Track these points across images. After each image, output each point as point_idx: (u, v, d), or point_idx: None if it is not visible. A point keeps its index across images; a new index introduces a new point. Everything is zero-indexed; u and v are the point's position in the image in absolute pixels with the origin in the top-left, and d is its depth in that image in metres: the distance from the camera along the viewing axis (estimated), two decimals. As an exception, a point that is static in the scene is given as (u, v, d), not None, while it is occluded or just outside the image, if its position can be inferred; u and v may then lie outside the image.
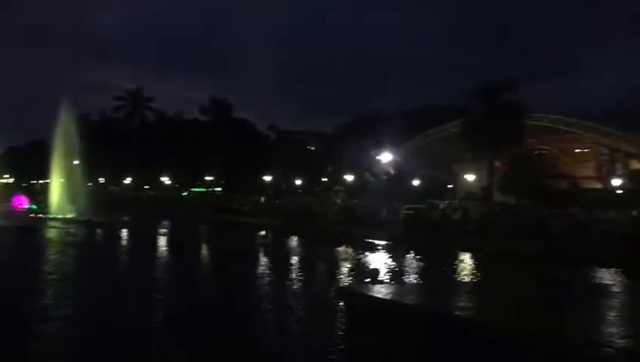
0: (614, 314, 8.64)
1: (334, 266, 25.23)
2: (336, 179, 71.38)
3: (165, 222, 50.81)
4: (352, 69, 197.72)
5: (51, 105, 56.61)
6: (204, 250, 33.51)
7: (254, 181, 75.18)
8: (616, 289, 18.10)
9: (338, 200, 65.14)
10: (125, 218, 51.95)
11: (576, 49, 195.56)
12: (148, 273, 21.93)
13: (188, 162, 77.87)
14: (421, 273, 23.84)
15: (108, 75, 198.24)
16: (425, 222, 41.64)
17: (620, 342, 6.47)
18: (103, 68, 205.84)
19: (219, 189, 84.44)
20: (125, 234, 40.94)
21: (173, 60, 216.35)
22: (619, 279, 22.96)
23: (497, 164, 51.19)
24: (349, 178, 65.89)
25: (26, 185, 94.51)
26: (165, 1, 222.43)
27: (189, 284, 19.50)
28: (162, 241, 37.27)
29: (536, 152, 62.82)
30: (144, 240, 36.14)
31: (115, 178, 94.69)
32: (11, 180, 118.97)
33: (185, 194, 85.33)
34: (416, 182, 60.86)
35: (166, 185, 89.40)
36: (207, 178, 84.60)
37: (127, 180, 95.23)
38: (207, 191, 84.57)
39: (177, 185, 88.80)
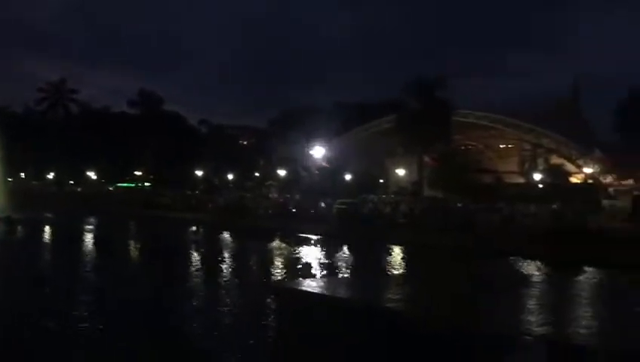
0: (534, 304, 8.92)
1: (266, 261, 25.07)
2: (269, 173, 71.11)
3: (91, 219, 48.96)
4: (286, 66, 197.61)
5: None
6: (132, 247, 32.45)
7: (185, 176, 73.78)
8: (537, 280, 18.87)
9: (271, 195, 64.92)
10: (48, 214, 49.78)
11: (503, 50, 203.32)
12: (70, 272, 20.98)
13: (115, 156, 75.40)
14: (353, 267, 24.06)
15: (35, 66, 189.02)
16: (357, 217, 42.10)
17: (539, 330, 6.69)
18: (30, 59, 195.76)
19: (148, 184, 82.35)
20: (47, 231, 39.19)
21: (104, 54, 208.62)
22: (541, 271, 23.99)
23: (427, 159, 52.42)
24: (282, 173, 65.75)
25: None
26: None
27: (114, 283, 18.78)
28: (87, 238, 35.83)
29: (463, 148, 64.91)
30: (67, 238, 34.63)
31: (38, 173, 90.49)
32: None
33: (110, 188, 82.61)
34: (349, 177, 61.46)
35: (92, 180, 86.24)
36: (136, 173, 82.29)
37: (50, 175, 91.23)
38: (137, 186, 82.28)
39: (104, 181, 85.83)
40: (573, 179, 56.18)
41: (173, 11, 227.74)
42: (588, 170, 54.01)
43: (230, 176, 75.69)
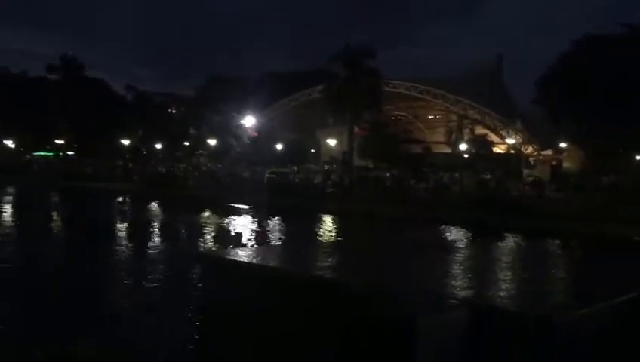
0: (460, 269, 9.23)
1: (195, 232, 24.69)
2: (199, 143, 69.75)
3: (9, 189, 46.53)
4: (213, 32, 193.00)
5: None
6: (53, 219, 31.07)
7: (111, 145, 71.16)
8: (460, 246, 19.58)
9: (201, 165, 63.87)
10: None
11: (428, 20, 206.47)
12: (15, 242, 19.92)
13: (34, 124, 71.61)
14: (283, 236, 24.11)
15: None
16: (288, 186, 42.13)
17: (462, 293, 6.95)
18: None
19: (71, 153, 78.93)
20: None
21: (25, 16, 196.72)
22: (466, 237, 24.87)
23: (357, 129, 52.85)
24: (212, 142, 64.64)
25: None
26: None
27: (30, 257, 18.00)
28: (4, 209, 34.04)
29: (392, 118, 65.89)
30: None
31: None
32: None
33: (27, 157, 78.59)
34: (280, 147, 61.19)
35: (10, 148, 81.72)
36: (58, 141, 78.60)
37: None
38: (58, 155, 78.67)
39: (22, 149, 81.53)
40: (497, 150, 58.25)
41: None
42: (510, 141, 56.14)
43: (159, 146, 73.66)
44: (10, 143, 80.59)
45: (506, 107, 57.38)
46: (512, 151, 56.34)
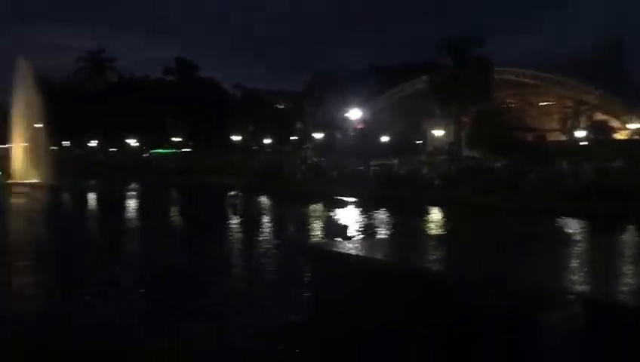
0: (578, 263, 8.73)
1: (302, 224, 25.23)
2: (306, 137, 71.07)
3: (133, 185, 50.01)
4: (314, 28, 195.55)
5: (8, 68, 54.22)
6: (172, 211, 33.06)
7: (223, 140, 74.38)
8: (581, 237, 18.54)
9: (307, 158, 64.99)
10: (91, 181, 51.13)
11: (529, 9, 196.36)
12: (118, 237, 21.50)
13: (153, 123, 76.44)
14: (389, 228, 24.01)
15: (67, 33, 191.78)
16: (393, 178, 41.85)
17: (579, 288, 6.59)
18: (61, 26, 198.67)
19: (188, 150, 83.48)
20: (89, 197, 40.27)
21: (139, 20, 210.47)
22: (585, 229, 23.51)
23: (465, 119, 51.46)
24: (318, 136, 65.60)
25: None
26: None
27: (153, 248, 19.28)
28: (130, 204, 36.74)
29: (503, 106, 63.44)
30: (111, 204, 35.55)
31: (80, 141, 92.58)
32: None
33: (146, 155, 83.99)
34: (385, 139, 60.92)
35: (132, 146, 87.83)
36: (175, 139, 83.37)
37: (93, 143, 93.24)
38: (176, 152, 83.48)
39: (144, 147, 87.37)
40: (618, 136, 54.41)
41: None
42: (634, 126, 52.16)
43: (267, 141, 75.97)
44: (133, 142, 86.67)
45: (628, 91, 53.43)
46: (637, 137, 52.32)
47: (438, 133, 59.83)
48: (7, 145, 57.33)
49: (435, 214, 30.21)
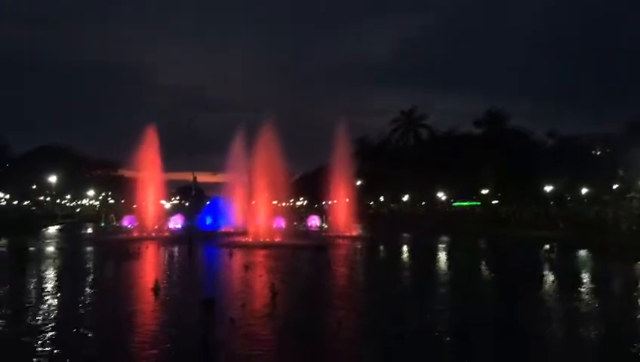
0: None
1: (630, 288, 22.28)
2: (630, 185, 63.52)
3: (442, 237, 50.90)
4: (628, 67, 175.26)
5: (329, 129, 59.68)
6: (482, 266, 32.43)
7: (532, 191, 71.16)
8: None
9: (633, 209, 57.85)
10: (406, 234, 53.62)
11: None
12: (450, 286, 22.69)
13: (461, 176, 77.32)
14: None
15: (387, 99, 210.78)
16: None
17: None
18: (382, 93, 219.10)
19: (496, 202, 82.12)
20: (403, 249, 42.14)
21: (449, 78, 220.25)
22: None
23: None
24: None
25: (316, 206, 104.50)
26: (433, 21, 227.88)
27: (468, 299, 19.32)
28: (442, 256, 37.44)
29: None
30: (425, 255, 36.54)
31: (394, 196, 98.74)
32: (305, 203, 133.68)
33: (449, 209, 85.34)
34: None
35: (441, 200, 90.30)
36: (483, 191, 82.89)
37: (405, 197, 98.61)
38: (483, 204, 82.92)
39: (452, 200, 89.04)
40: None
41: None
42: None
43: (584, 190, 70.15)
44: (441, 195, 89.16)
45: None
46: None
47: None
48: (329, 201, 64.21)
49: None
